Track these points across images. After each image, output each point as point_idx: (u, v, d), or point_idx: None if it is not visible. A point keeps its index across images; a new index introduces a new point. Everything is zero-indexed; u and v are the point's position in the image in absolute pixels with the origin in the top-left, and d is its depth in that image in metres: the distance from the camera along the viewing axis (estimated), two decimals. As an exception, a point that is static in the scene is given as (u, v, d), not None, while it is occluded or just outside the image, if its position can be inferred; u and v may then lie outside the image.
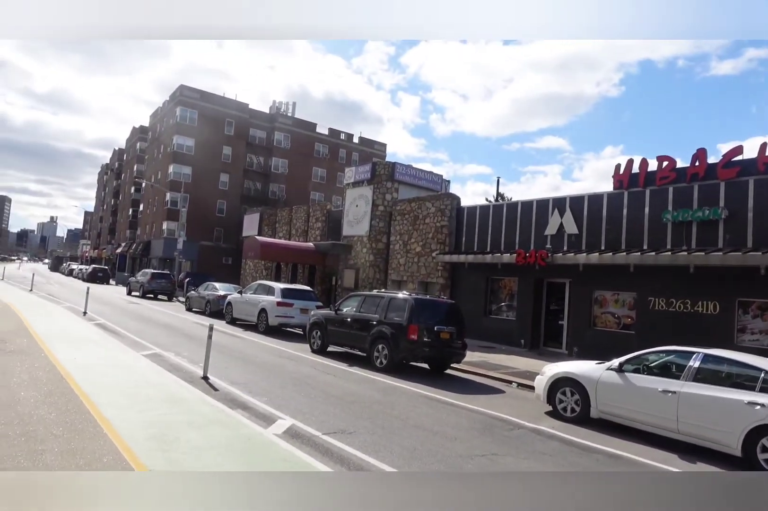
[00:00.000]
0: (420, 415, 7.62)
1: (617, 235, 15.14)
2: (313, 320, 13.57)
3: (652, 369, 7.54)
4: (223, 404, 7.13)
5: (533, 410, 8.59)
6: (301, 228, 29.16)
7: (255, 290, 17.56)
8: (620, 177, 15.25)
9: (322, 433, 6.24)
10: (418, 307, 11.31)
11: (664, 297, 13.77)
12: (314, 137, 49.26)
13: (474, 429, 7.11)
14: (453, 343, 11.45)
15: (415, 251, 21.17)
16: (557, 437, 7.12)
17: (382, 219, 23.02)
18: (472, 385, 10.74)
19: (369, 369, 11.17)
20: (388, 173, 23.28)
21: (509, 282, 18.06)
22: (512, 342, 16.94)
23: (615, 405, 7.58)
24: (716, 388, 6.72)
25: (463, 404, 8.62)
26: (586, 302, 15.60)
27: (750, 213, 12.67)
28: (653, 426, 7.17)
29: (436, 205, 20.58)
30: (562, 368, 8.49)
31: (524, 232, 17.61)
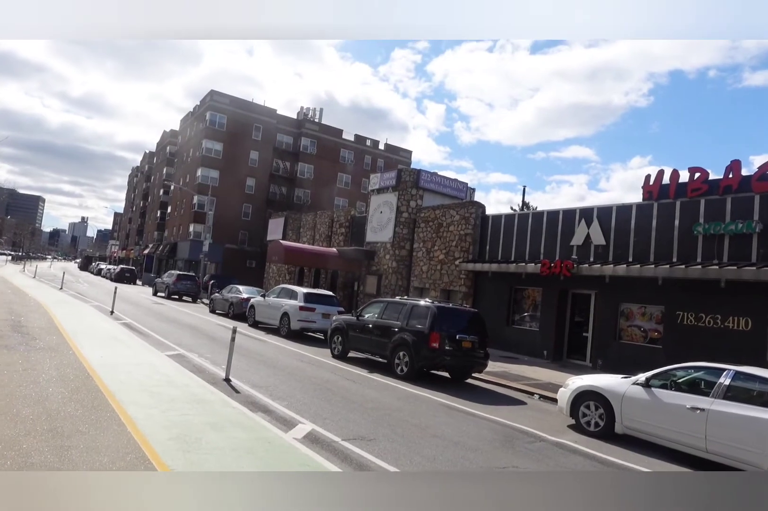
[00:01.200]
0: (440, 424, 7.56)
1: (646, 247, 14.85)
2: (334, 326, 13.60)
3: (680, 385, 7.34)
4: (244, 406, 7.17)
5: (555, 423, 8.44)
6: (325, 233, 29.32)
7: (278, 293, 17.68)
8: (650, 188, 14.98)
9: (341, 439, 6.22)
10: (440, 315, 11.24)
11: (694, 312, 13.43)
12: (340, 143, 49.61)
13: (495, 440, 7.01)
14: (475, 352, 11.34)
15: (438, 259, 21.09)
16: (580, 451, 6.97)
17: (405, 226, 23.02)
18: (493, 395, 10.61)
19: (389, 376, 11.13)
20: (413, 180, 23.29)
21: (533, 292, 17.84)
22: (535, 353, 16.70)
23: (641, 421, 7.40)
24: (747, 406, 6.51)
25: (484, 415, 8.51)
26: (612, 315, 15.31)
27: (786, 227, 12.32)
28: (680, 444, 6.98)
29: (461, 213, 20.49)
30: (586, 381, 8.33)
31: (549, 242, 17.41)
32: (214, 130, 43.34)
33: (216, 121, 43.53)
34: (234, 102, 44.67)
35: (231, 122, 43.77)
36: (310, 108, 52.53)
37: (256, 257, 41.47)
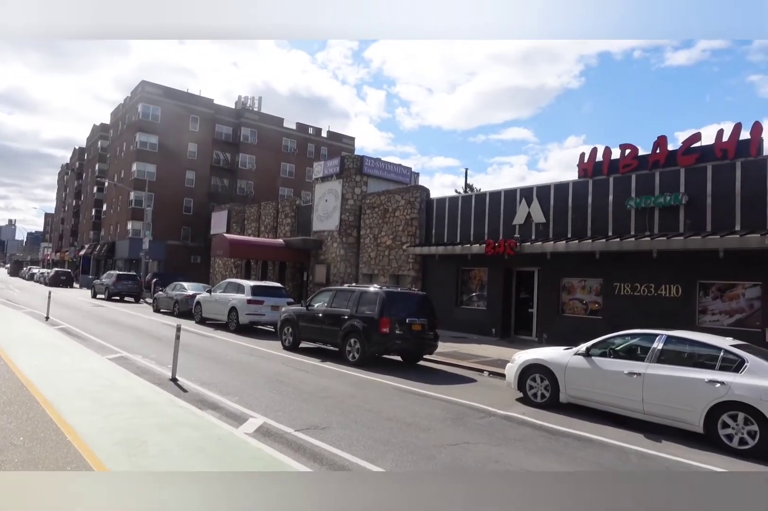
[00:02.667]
0: (393, 407, 7.64)
1: (583, 223, 15.40)
2: (284, 317, 13.46)
3: (618, 352, 7.70)
4: (192, 405, 7.00)
5: (505, 398, 8.70)
6: (271, 224, 28.84)
7: (224, 288, 17.31)
8: (585, 165, 15.48)
9: (294, 430, 6.19)
10: (389, 300, 11.31)
11: (629, 282, 14.09)
12: (282, 132, 48.65)
13: (447, 419, 7.16)
14: (425, 334, 11.50)
15: (385, 244, 21.16)
16: (528, 422, 7.22)
17: (351, 213, 22.93)
18: (444, 375, 10.81)
19: (342, 364, 11.14)
20: (357, 167, 23.17)
21: (479, 272, 18.22)
22: (484, 331, 17.12)
23: (583, 389, 7.73)
24: (679, 368, 6.90)
25: (436, 395, 8.67)
26: (555, 290, 15.86)
27: (708, 198, 13.03)
28: (620, 408, 7.34)
29: (406, 198, 20.58)
30: (531, 355, 8.61)
31: (493, 223, 17.77)
32: (148, 122, 41.55)
33: (149, 114, 41.72)
34: (168, 93, 42.90)
35: (166, 114, 42.06)
36: (248, 97, 51.18)
37: (201, 252, 40.35)
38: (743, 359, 6.50)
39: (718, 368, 6.62)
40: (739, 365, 6.47)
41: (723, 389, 6.36)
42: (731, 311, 12.61)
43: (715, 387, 6.42)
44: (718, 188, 12.88)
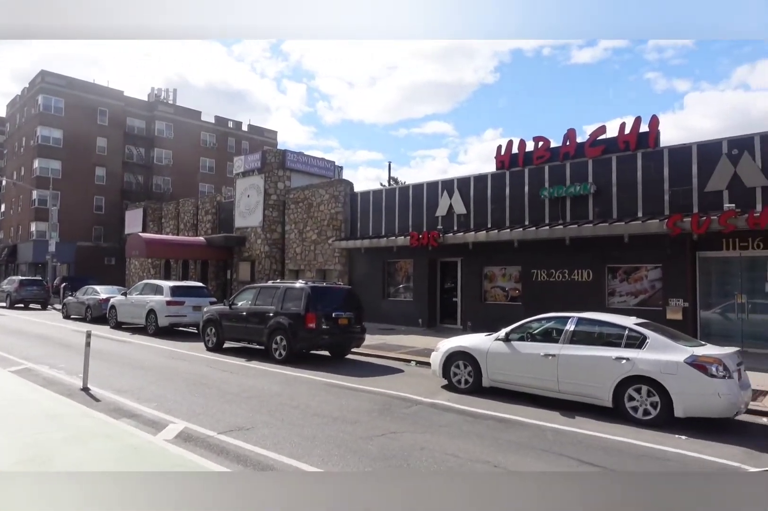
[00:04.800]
0: (320, 403, 7.59)
1: (502, 213, 15.95)
2: (206, 317, 13.01)
3: (535, 336, 8.05)
4: (106, 414, 6.61)
5: (430, 386, 8.88)
6: (190, 222, 27.74)
7: (141, 290, 16.47)
8: (502, 158, 16.02)
9: (217, 433, 6.00)
10: (315, 295, 11.21)
11: (546, 268, 14.78)
12: (200, 126, 46.82)
13: (374, 411, 7.20)
14: (352, 328, 11.51)
15: (311, 239, 20.95)
16: (452, 408, 7.41)
17: (275, 208, 22.49)
18: (372, 367, 10.88)
19: (268, 362, 10.93)
20: (279, 161, 22.73)
21: (405, 264, 18.46)
22: (411, 322, 17.40)
23: (504, 373, 8.03)
24: (589, 348, 7.33)
25: (364, 387, 8.71)
26: (477, 278, 16.36)
27: (614, 187, 13.88)
28: (538, 388, 7.70)
29: (330, 192, 20.45)
30: (455, 342, 8.83)
31: (417, 215, 18.03)
32: (50, 115, 38.64)
33: (51, 106, 38.81)
34: (71, 84, 40.03)
35: (70, 106, 39.28)
36: (162, 89, 48.78)
37: (115, 253, 38.18)
38: (645, 336, 6.99)
39: (623, 346, 7.09)
40: (642, 342, 6.96)
41: (628, 365, 6.81)
42: (636, 292, 13.54)
43: (622, 363, 6.87)
44: (622, 178, 13.74)
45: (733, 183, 12.02)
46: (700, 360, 6.44)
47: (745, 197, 11.81)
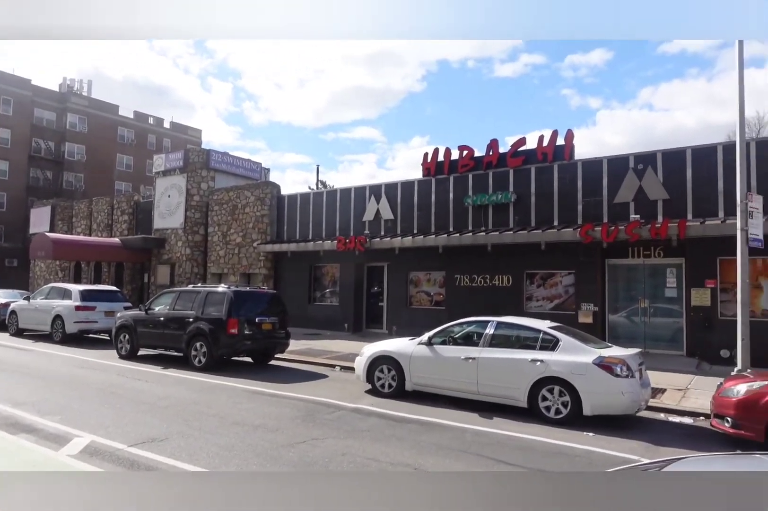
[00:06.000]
0: (241, 411, 7.38)
1: (428, 219, 16.27)
2: (119, 323, 12.31)
3: (457, 340, 8.26)
4: (1, 430, 6.08)
5: (355, 391, 8.87)
6: (105, 222, 26.18)
7: (47, 294, 15.32)
8: (428, 165, 16.36)
9: (128, 445, 5.68)
10: (238, 299, 10.91)
11: (469, 274, 15.23)
12: (117, 121, 44.34)
13: (296, 417, 7.09)
14: (276, 333, 11.31)
15: (235, 242, 20.40)
16: (375, 413, 7.44)
17: (198, 210, 21.72)
18: (296, 373, 10.73)
19: (187, 370, 10.50)
20: (203, 161, 21.98)
21: (332, 269, 18.39)
22: (337, 327, 17.33)
23: (426, 376, 8.17)
24: (507, 350, 7.62)
25: (287, 394, 8.56)
26: (403, 283, 16.58)
27: (533, 197, 14.54)
28: (459, 391, 7.90)
29: (256, 194, 20.02)
30: (379, 347, 8.89)
31: (344, 219, 18.02)
32: (-58, 102, 35.21)
33: (-56, 92, 35.39)
34: (-33, 68, 36.67)
35: (-34, 93, 35.98)
36: (76, 79, 45.79)
37: (18, 254, 35.29)
38: (558, 339, 7.36)
39: (538, 348, 7.43)
40: (555, 344, 7.32)
41: (542, 367, 7.14)
42: (552, 297, 14.25)
43: (536, 365, 7.19)
44: (540, 188, 14.43)
45: (639, 196, 12.95)
46: (607, 361, 6.87)
47: (648, 209, 12.75)
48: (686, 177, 12.41)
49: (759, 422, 5.92)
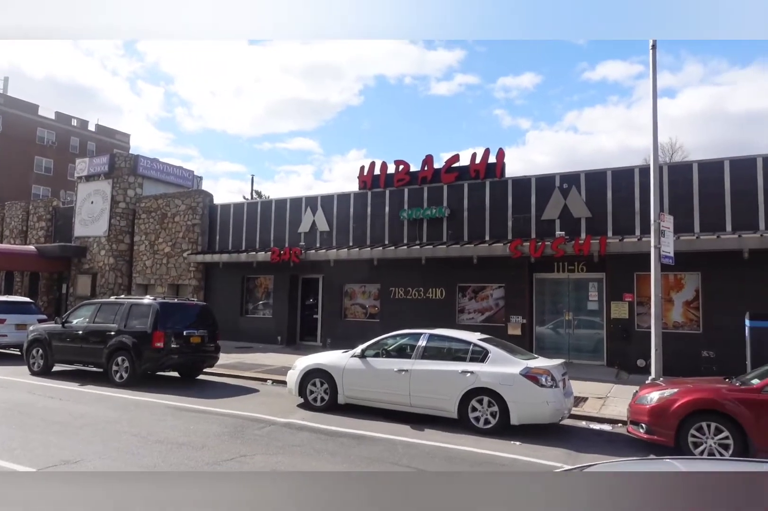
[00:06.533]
0: (165, 428, 7.04)
1: (363, 232, 16.35)
2: (32, 337, 11.47)
3: (390, 352, 8.31)
4: None
5: (286, 405, 8.69)
6: (18, 228, 24.45)
7: (-52, 306, 14.04)
8: (364, 178, 16.48)
9: (37, 469, 5.27)
10: (165, 311, 10.47)
11: (403, 287, 15.39)
12: (36, 121, 41.76)
13: (224, 434, 6.85)
14: (205, 347, 10.92)
15: (164, 252, 19.61)
16: (307, 427, 7.32)
17: (124, 217, 20.73)
18: (225, 388, 10.38)
19: (107, 386, 9.92)
20: (131, 167, 21.07)
21: (265, 280, 18.05)
22: (270, 340, 16.97)
23: (359, 389, 8.14)
24: (439, 362, 7.74)
25: (215, 410, 8.26)
26: (338, 296, 16.52)
27: (466, 212, 14.95)
28: (391, 403, 7.92)
29: (187, 203, 19.39)
30: (312, 360, 8.78)
31: (279, 230, 17.78)
32: None
33: None
34: None
35: None
36: (-12, 75, 42.77)
37: None
38: (487, 351, 7.56)
39: (468, 360, 7.59)
40: (485, 356, 7.51)
41: (472, 378, 7.30)
42: (483, 310, 14.64)
43: (466, 376, 7.34)
44: (472, 203, 14.87)
45: (564, 213, 13.62)
46: (533, 372, 7.12)
47: (572, 226, 13.43)
48: (607, 197, 13.20)
49: (670, 428, 6.31)
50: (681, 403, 6.31)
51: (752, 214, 11.71)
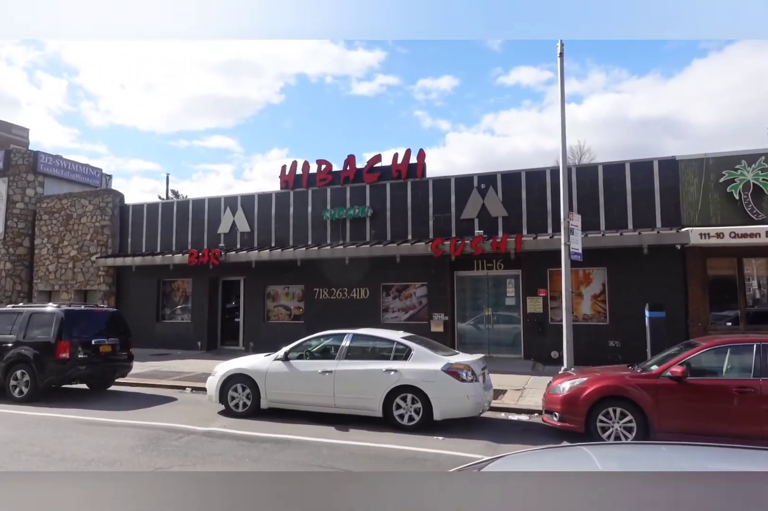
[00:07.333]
0: (71, 445, 6.56)
1: (286, 233, 16.08)
2: None
3: (314, 354, 8.21)
4: None
5: (206, 413, 8.37)
6: None
7: None
8: (286, 178, 16.21)
9: None
10: (70, 320, 9.77)
11: (327, 287, 15.30)
12: None
13: (138, 447, 6.48)
14: (117, 356, 10.31)
15: (69, 256, 18.30)
16: (228, 434, 7.09)
17: (22, 219, 19.14)
18: (140, 398, 9.84)
19: (4, 403, 9.12)
20: (29, 164, 19.48)
21: (183, 284, 17.31)
22: (189, 346, 16.30)
23: (282, 393, 7.99)
24: (363, 362, 7.75)
25: (128, 422, 7.81)
26: (260, 298, 16.15)
27: (388, 212, 15.09)
28: (316, 406, 7.84)
29: (95, 203, 18.20)
30: (233, 365, 8.51)
31: (197, 231, 17.12)
32: None
33: None
34: None
35: None
36: None
37: None
38: (410, 348, 7.66)
39: (392, 358, 7.66)
40: (408, 354, 7.61)
41: (396, 376, 7.37)
42: (406, 308, 14.85)
43: (390, 375, 7.40)
44: (395, 203, 15.03)
45: (482, 213, 14.08)
46: (454, 367, 7.30)
47: (490, 225, 13.92)
48: (522, 196, 13.79)
49: (580, 415, 6.69)
50: (589, 391, 6.71)
51: (650, 212, 12.67)
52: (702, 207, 12.32)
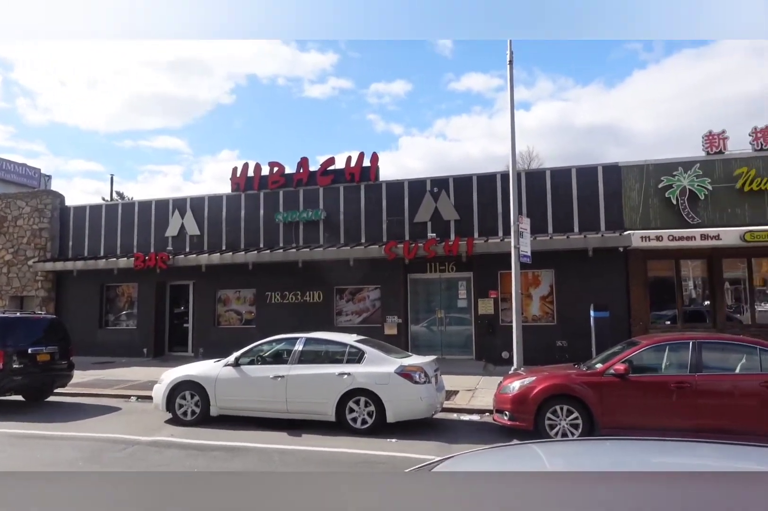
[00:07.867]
0: (3, 460, 6.18)
1: (237, 236, 15.77)
2: None
3: (266, 358, 8.07)
4: None
5: (152, 422, 8.07)
6: None
7: None
8: (237, 180, 15.91)
9: None
10: (4, 327, 9.26)
11: (280, 291, 15.09)
12: None
13: (78, 460, 6.18)
14: (56, 365, 9.82)
15: (3, 260, 17.32)
16: (175, 444, 6.86)
17: (-49, 221, 17.96)
18: (81, 409, 9.38)
19: (-71, 417, 8.50)
20: (-41, 163, 18.34)
21: (128, 288, 16.69)
22: (135, 353, 15.70)
23: (232, 399, 7.81)
24: (316, 366, 7.67)
25: (67, 434, 7.43)
26: (210, 302, 15.76)
27: (342, 215, 15.04)
28: (268, 411, 7.69)
29: (32, 204, 17.32)
30: (181, 371, 8.26)
31: (143, 234, 16.55)
32: None
33: None
34: None
35: None
36: None
37: None
38: (364, 352, 7.64)
39: (345, 362, 7.61)
40: (361, 357, 7.58)
41: (349, 380, 7.33)
42: (360, 311, 14.82)
43: (343, 378, 7.36)
44: (348, 206, 15.00)
45: (435, 216, 14.24)
46: (407, 370, 7.32)
47: (443, 228, 14.09)
48: (473, 200, 14.03)
49: (529, 413, 6.84)
50: (538, 390, 6.87)
51: (595, 216, 13.15)
52: (643, 211, 12.88)
